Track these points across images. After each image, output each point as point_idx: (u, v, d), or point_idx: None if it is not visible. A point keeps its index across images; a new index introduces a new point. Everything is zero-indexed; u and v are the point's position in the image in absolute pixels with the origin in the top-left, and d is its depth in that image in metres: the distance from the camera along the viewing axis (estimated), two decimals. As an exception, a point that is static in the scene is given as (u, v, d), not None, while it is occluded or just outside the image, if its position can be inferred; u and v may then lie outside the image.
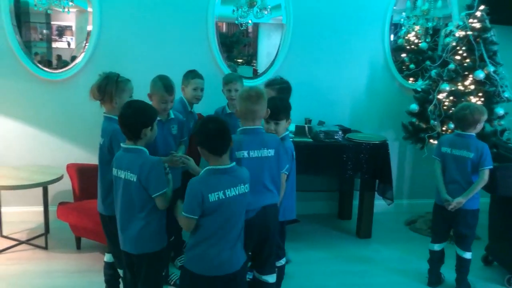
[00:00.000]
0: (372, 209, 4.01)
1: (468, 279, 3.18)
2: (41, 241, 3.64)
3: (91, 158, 4.02)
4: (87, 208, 3.41)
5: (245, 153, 2.40)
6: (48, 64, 4.06)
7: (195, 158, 2.67)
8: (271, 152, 2.48)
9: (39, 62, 3.99)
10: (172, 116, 2.98)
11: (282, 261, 2.90)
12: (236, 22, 4.17)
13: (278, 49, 4.27)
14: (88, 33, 3.92)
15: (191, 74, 3.40)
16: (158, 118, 2.81)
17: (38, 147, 4.03)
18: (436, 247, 3.20)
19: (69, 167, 3.66)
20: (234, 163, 2.21)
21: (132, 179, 2.26)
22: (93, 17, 3.87)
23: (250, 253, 2.55)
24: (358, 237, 4.08)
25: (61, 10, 3.72)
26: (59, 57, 4.06)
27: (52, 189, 3.81)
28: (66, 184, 3.72)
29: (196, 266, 2.15)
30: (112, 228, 2.52)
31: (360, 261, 3.66)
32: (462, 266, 3.14)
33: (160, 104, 2.83)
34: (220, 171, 2.14)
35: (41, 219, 3.69)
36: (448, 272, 3.26)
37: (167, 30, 4.04)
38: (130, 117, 2.28)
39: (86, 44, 3.93)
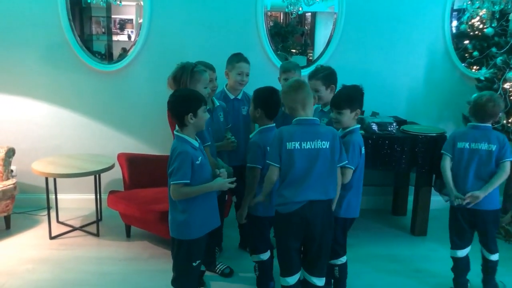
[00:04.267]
0: (428, 206, 3.78)
1: (496, 280, 2.95)
2: (93, 228, 3.74)
3: (141, 147, 4.10)
4: (136, 197, 3.46)
5: (297, 144, 2.31)
6: (110, 56, 4.17)
7: None
8: (325, 144, 2.35)
9: (102, 54, 4.12)
10: (217, 104, 3.04)
11: (342, 259, 2.76)
12: (287, 10, 4.07)
13: (330, 38, 4.12)
14: (139, 25, 3.97)
15: (236, 58, 3.29)
16: (208, 107, 2.81)
17: (91, 137, 4.16)
18: (460, 253, 2.92)
19: (120, 156, 3.71)
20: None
21: None
22: (143, 9, 3.91)
23: (300, 248, 2.47)
24: (413, 234, 3.86)
25: (113, 2, 3.78)
26: (124, 49, 4.13)
27: (104, 177, 3.92)
28: (118, 173, 3.80)
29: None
30: None
31: (413, 260, 3.45)
32: (488, 267, 2.92)
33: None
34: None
35: (94, 206, 3.78)
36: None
37: (217, 20, 4.00)
38: (172, 105, 2.33)
39: (137, 36, 3.99)
